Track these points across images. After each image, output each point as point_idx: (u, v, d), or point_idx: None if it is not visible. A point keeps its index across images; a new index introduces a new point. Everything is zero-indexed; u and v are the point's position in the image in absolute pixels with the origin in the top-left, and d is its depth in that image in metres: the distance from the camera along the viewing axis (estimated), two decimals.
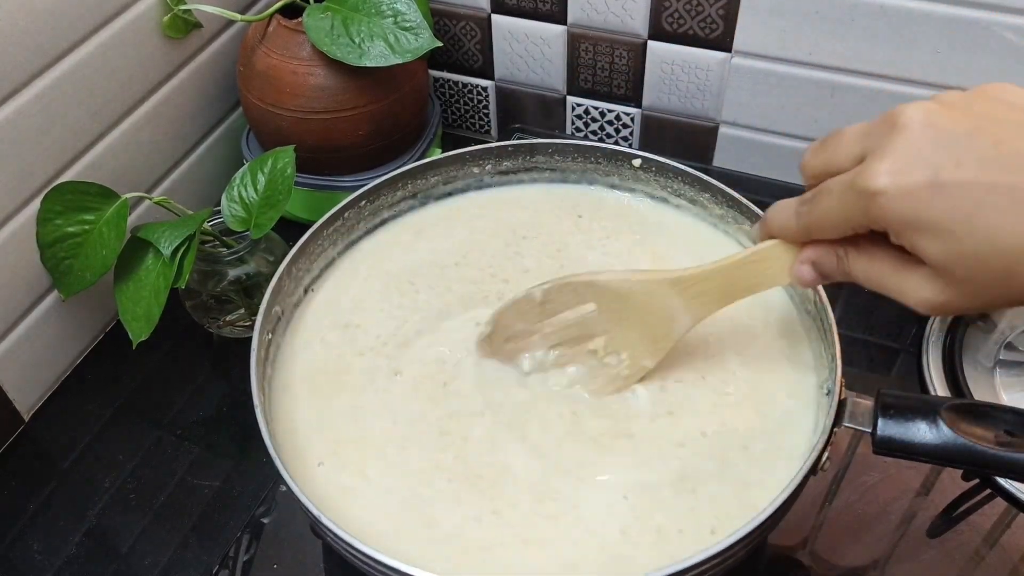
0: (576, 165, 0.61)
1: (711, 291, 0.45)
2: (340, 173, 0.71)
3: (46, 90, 0.57)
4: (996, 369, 0.59)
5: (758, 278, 0.44)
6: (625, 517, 0.44)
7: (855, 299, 0.67)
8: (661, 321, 0.47)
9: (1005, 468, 0.41)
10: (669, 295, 0.46)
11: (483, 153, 0.60)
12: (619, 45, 0.73)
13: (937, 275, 0.35)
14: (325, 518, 0.41)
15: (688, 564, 0.39)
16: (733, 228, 0.57)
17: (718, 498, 0.45)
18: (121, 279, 0.60)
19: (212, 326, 0.65)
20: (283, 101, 0.67)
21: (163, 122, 0.68)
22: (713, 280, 0.45)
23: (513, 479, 0.46)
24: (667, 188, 0.59)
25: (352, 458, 0.47)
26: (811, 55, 0.68)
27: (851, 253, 0.39)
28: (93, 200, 0.59)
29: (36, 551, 0.55)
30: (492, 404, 0.49)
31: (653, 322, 0.47)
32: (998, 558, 0.52)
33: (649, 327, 0.47)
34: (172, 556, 0.55)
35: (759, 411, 0.48)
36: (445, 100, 0.84)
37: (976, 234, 0.33)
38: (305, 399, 0.50)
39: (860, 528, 0.54)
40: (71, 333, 0.65)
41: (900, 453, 0.42)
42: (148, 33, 0.65)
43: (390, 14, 0.64)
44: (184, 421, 0.62)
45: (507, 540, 0.44)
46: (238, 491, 0.58)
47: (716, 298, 0.46)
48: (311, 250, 0.56)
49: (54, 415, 0.63)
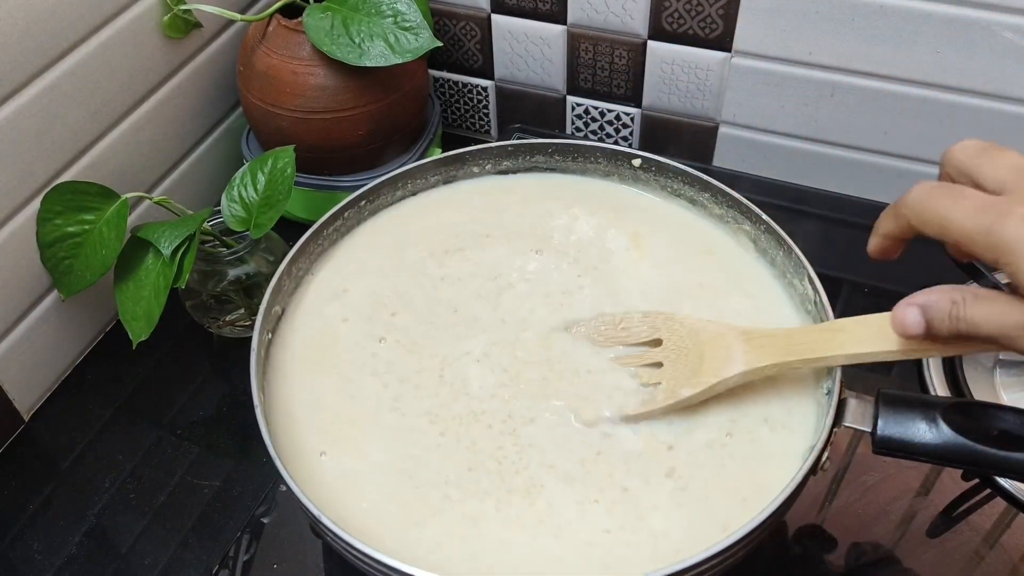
0: (576, 165, 0.61)
1: (773, 345, 0.46)
2: (340, 173, 0.71)
3: (46, 90, 0.57)
4: (996, 369, 0.59)
5: (822, 344, 0.45)
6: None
7: (855, 299, 0.67)
8: (716, 359, 0.47)
9: (1005, 468, 0.41)
10: (736, 340, 0.47)
11: (483, 153, 0.60)
12: (619, 45, 0.73)
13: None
14: (325, 518, 0.41)
15: (688, 564, 0.39)
16: (733, 227, 0.57)
17: (719, 498, 0.45)
18: (121, 279, 0.60)
19: (212, 326, 0.65)
20: (283, 101, 0.67)
21: (163, 122, 0.68)
22: (779, 337, 0.46)
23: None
24: (667, 188, 0.59)
25: (350, 439, 0.47)
26: (811, 55, 0.68)
27: (968, 298, 0.37)
28: (93, 200, 0.59)
29: (36, 551, 0.55)
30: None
31: (708, 357, 0.47)
32: (998, 558, 0.52)
33: (704, 361, 0.47)
34: (172, 556, 0.55)
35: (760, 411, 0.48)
36: (445, 100, 0.84)
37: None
38: (302, 386, 0.50)
39: (860, 528, 0.54)
40: (71, 333, 0.65)
41: (900, 453, 0.42)
42: (148, 33, 0.65)
43: (390, 14, 0.64)
44: (184, 421, 0.62)
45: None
46: (238, 491, 0.58)
47: (775, 352, 0.46)
48: (311, 250, 0.56)
49: (54, 415, 0.63)
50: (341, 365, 0.51)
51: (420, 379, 0.50)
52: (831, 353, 0.44)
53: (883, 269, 0.69)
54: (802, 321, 0.52)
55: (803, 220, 0.74)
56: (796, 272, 0.52)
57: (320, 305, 0.54)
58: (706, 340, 0.48)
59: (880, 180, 0.73)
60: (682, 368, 0.48)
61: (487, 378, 0.50)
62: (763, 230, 0.55)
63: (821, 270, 0.51)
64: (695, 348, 0.48)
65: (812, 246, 0.53)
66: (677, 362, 0.48)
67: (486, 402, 0.49)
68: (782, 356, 0.45)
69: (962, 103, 0.66)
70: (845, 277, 0.68)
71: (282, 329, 0.53)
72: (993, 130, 0.67)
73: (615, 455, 0.46)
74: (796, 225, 0.54)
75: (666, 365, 0.48)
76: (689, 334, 0.49)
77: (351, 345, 0.52)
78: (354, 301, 0.55)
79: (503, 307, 0.54)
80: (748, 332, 0.47)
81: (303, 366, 0.52)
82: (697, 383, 0.46)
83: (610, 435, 0.47)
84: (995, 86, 0.65)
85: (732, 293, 0.54)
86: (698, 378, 0.47)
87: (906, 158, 0.71)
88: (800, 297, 0.53)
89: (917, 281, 0.68)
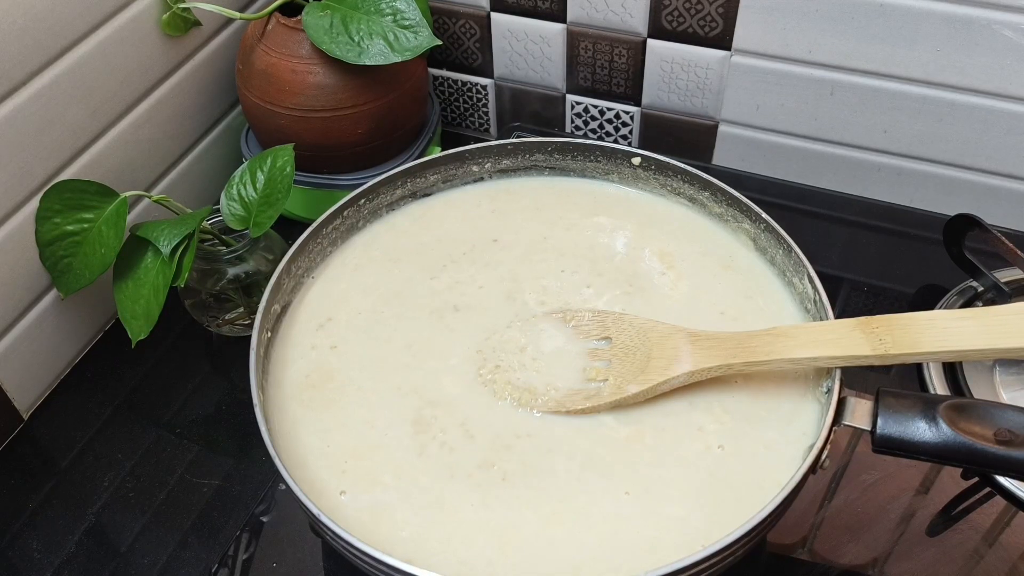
0: (576, 163, 0.61)
1: (720, 348, 0.47)
2: (339, 171, 0.71)
3: (45, 88, 0.57)
4: (996, 367, 0.59)
5: (767, 348, 0.46)
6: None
7: (855, 297, 0.67)
8: (663, 358, 0.48)
9: (1005, 466, 0.41)
10: (684, 341, 0.48)
11: (483, 151, 0.60)
12: (619, 43, 0.73)
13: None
14: (325, 517, 0.41)
15: (688, 563, 0.39)
16: (732, 226, 0.57)
17: (716, 497, 0.45)
18: (120, 278, 0.60)
19: (211, 325, 0.65)
20: (282, 99, 0.67)
21: (162, 120, 0.68)
22: (726, 340, 0.47)
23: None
24: (667, 186, 0.59)
25: (349, 446, 0.48)
26: (811, 53, 0.68)
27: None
28: (92, 199, 0.59)
29: (35, 550, 0.55)
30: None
31: (656, 356, 0.48)
32: (997, 556, 0.52)
33: (651, 360, 0.48)
34: (171, 555, 0.55)
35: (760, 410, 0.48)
36: (444, 98, 0.84)
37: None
38: (302, 393, 0.50)
39: (859, 527, 0.54)
40: (70, 332, 0.65)
41: (900, 452, 0.42)
42: (147, 31, 0.64)
43: (389, 12, 0.64)
44: (183, 420, 0.62)
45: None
46: (237, 490, 0.58)
47: (721, 354, 0.47)
48: (310, 248, 0.56)
49: (53, 414, 0.63)
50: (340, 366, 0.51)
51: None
52: (775, 356, 0.46)
53: (883, 268, 0.69)
54: (803, 319, 0.52)
55: (803, 219, 0.74)
56: (796, 271, 0.52)
57: (323, 307, 0.55)
58: (655, 340, 0.49)
59: (880, 179, 0.73)
60: (629, 366, 0.48)
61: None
62: (763, 229, 0.55)
63: (821, 269, 0.51)
64: (643, 347, 0.49)
65: (812, 245, 0.53)
66: (625, 360, 0.49)
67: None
68: (728, 358, 0.47)
69: (962, 101, 0.66)
70: (845, 276, 0.68)
71: (281, 329, 0.53)
72: (993, 129, 0.67)
73: (612, 447, 0.47)
74: (796, 224, 0.54)
75: (614, 362, 0.49)
76: (637, 333, 0.50)
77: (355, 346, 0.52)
78: (355, 308, 0.55)
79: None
80: (696, 334, 0.48)
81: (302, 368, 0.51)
82: (644, 380, 0.47)
83: (602, 424, 0.48)
84: (995, 84, 0.65)
85: (731, 294, 0.54)
86: (645, 376, 0.48)
87: (906, 157, 0.71)
88: (800, 296, 0.53)
89: (917, 280, 0.68)
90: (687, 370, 0.47)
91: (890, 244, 0.71)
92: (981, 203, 0.71)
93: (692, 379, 0.47)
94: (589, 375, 0.49)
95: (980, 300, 0.63)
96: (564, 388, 0.49)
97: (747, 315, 0.53)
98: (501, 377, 0.50)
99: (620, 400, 0.48)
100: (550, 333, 0.52)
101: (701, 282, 0.55)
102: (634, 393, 0.47)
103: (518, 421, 0.48)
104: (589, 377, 0.49)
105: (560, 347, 0.51)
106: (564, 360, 0.50)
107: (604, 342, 0.50)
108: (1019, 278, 0.62)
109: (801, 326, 0.47)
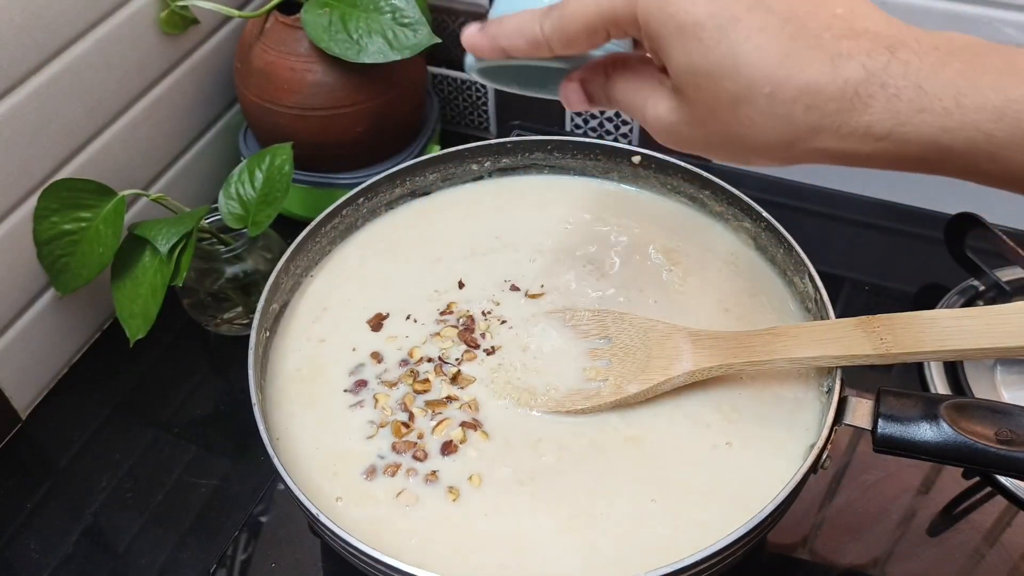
0: (575, 162, 0.61)
1: (719, 347, 0.47)
2: (338, 170, 0.71)
3: (42, 87, 0.57)
4: (996, 367, 0.59)
5: (766, 348, 0.46)
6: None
7: (855, 296, 0.67)
8: (663, 358, 0.48)
9: (1005, 466, 0.41)
10: (684, 341, 0.48)
11: (482, 150, 0.60)
12: None
13: (675, 91, 0.36)
14: (324, 516, 0.41)
15: (688, 563, 0.39)
16: (733, 225, 0.57)
17: (717, 496, 0.45)
18: (118, 277, 0.60)
19: (210, 324, 0.65)
20: (281, 98, 0.66)
21: (160, 119, 0.68)
22: (725, 339, 0.47)
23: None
24: (667, 185, 0.59)
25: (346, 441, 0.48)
26: None
27: (616, 71, 0.39)
28: (90, 197, 0.59)
29: (33, 550, 0.55)
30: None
31: (656, 356, 0.48)
32: (998, 556, 0.52)
33: (651, 360, 0.48)
34: (169, 555, 0.54)
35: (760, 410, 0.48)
36: (444, 97, 0.84)
37: (722, 46, 0.32)
38: (298, 392, 0.50)
39: (860, 526, 0.53)
40: (68, 331, 0.65)
41: (900, 451, 0.42)
42: (145, 29, 0.64)
43: (388, 10, 0.64)
44: (181, 420, 0.62)
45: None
46: (236, 490, 0.58)
47: (721, 354, 0.47)
48: (309, 247, 0.55)
49: (51, 413, 0.63)
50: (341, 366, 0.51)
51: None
52: (775, 356, 0.45)
53: (884, 267, 0.69)
54: (803, 319, 0.52)
55: (803, 217, 0.74)
56: (796, 270, 0.52)
57: (325, 302, 0.54)
58: (655, 339, 0.49)
59: (879, 177, 0.73)
60: (630, 365, 0.48)
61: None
62: (763, 227, 0.55)
63: (821, 268, 0.50)
64: (643, 347, 0.49)
65: (813, 244, 0.53)
66: (625, 360, 0.49)
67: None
68: (728, 358, 0.46)
69: None
70: (846, 275, 0.68)
71: (280, 328, 0.53)
72: None
73: (613, 448, 0.47)
74: (796, 222, 0.54)
75: (614, 362, 0.49)
76: (637, 333, 0.50)
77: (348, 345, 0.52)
78: (353, 303, 0.54)
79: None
80: (696, 333, 0.48)
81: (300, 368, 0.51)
82: (644, 380, 0.47)
83: (604, 426, 0.48)
84: None
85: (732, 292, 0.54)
86: (645, 376, 0.47)
87: None
88: (800, 295, 0.52)
89: (918, 279, 0.68)
90: (688, 369, 0.47)
91: (891, 243, 0.71)
92: (982, 202, 0.71)
93: (693, 379, 0.47)
94: (589, 375, 0.49)
95: (981, 299, 0.63)
96: (564, 388, 0.49)
97: (752, 312, 0.53)
98: (501, 377, 0.50)
99: (620, 400, 0.47)
100: (550, 333, 0.51)
101: (707, 278, 0.55)
102: (634, 393, 0.47)
103: (518, 421, 0.48)
104: (589, 377, 0.49)
105: (560, 347, 0.51)
106: (564, 360, 0.50)
107: (604, 341, 0.50)
108: (1020, 277, 0.62)
109: (802, 325, 0.47)
